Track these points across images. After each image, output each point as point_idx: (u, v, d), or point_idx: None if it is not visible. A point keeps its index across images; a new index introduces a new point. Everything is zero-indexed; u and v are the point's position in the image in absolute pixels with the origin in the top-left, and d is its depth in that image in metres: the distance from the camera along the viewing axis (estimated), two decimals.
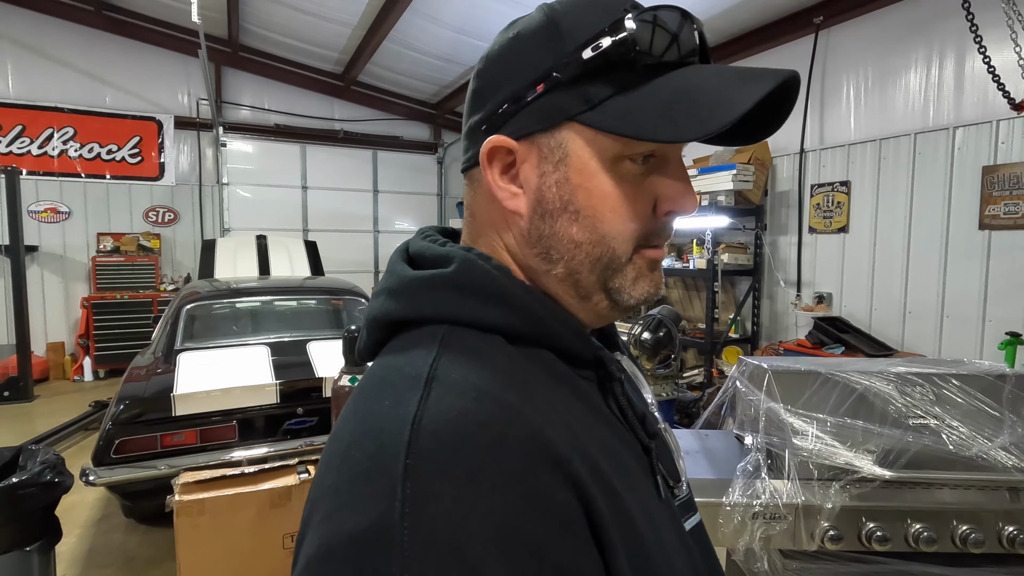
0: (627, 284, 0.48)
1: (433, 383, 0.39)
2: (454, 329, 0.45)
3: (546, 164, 0.46)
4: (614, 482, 0.41)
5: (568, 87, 0.44)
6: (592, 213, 0.46)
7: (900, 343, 3.76)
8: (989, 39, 2.42)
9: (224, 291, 3.68)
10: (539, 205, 0.47)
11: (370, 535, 0.33)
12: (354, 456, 0.37)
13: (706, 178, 4.42)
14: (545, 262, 0.48)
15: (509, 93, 0.46)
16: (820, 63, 4.19)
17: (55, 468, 1.90)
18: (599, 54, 0.43)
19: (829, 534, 1.08)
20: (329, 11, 5.69)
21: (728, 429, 1.46)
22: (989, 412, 1.18)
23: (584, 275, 0.47)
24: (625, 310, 0.50)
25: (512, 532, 0.33)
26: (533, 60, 0.45)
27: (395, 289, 0.48)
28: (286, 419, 2.74)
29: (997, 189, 3.23)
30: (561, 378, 0.46)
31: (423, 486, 0.33)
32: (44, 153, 6.42)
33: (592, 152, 0.45)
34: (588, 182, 0.45)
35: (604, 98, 0.44)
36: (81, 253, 6.61)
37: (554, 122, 0.45)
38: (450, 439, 0.35)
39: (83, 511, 3.21)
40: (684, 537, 0.49)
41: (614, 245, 0.46)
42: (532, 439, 0.37)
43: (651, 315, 3.68)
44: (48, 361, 6.31)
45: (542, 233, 0.47)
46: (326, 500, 0.37)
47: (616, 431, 0.48)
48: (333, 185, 7.85)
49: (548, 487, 0.36)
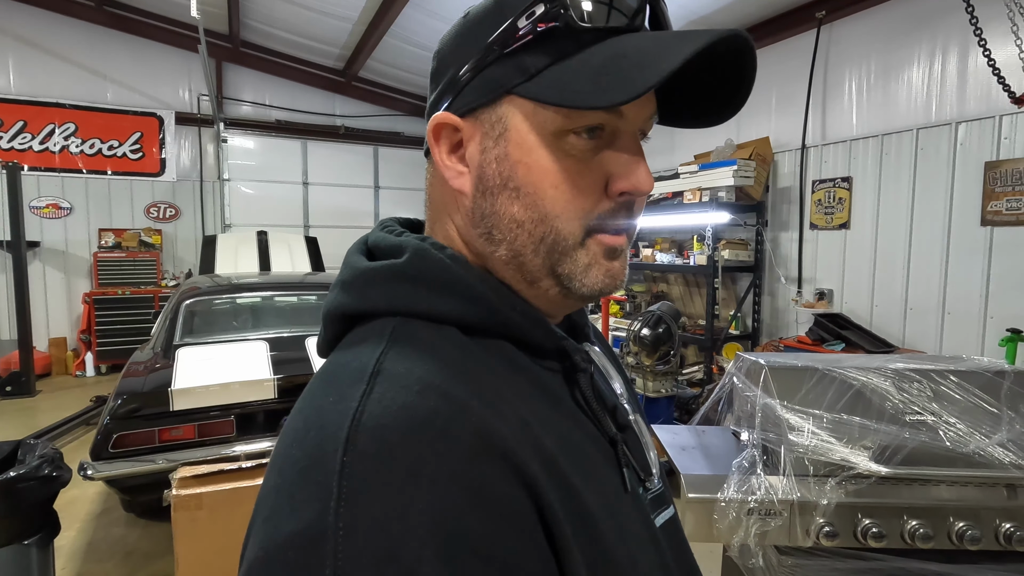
0: (578, 271, 0.45)
1: (377, 377, 0.38)
2: (406, 321, 0.43)
3: (487, 140, 0.45)
4: (571, 477, 0.40)
5: (507, 59, 0.43)
6: (533, 190, 0.44)
7: (901, 340, 3.74)
8: (991, 34, 2.41)
9: (224, 286, 3.68)
10: (480, 183, 0.46)
11: (305, 537, 0.32)
12: (294, 455, 0.36)
13: (707, 174, 4.40)
14: (489, 243, 0.46)
15: (456, 71, 0.46)
16: (822, 58, 4.16)
17: (53, 462, 1.91)
18: (532, 22, 0.41)
19: (825, 530, 1.07)
20: (330, 6, 5.68)
21: (726, 425, 1.45)
22: (987, 409, 1.17)
23: (528, 257, 0.45)
24: (581, 299, 0.47)
25: (453, 530, 0.32)
26: (478, 36, 0.44)
27: (347, 282, 0.47)
28: (284, 414, 2.72)
29: (999, 185, 3.21)
30: (520, 370, 0.45)
31: (359, 484, 0.32)
32: (46, 149, 6.42)
33: (531, 126, 0.43)
34: (528, 157, 0.43)
35: (541, 68, 0.42)
36: (83, 249, 6.63)
37: (494, 96, 0.44)
38: (390, 434, 0.34)
39: (83, 505, 3.23)
40: (653, 532, 0.48)
41: (557, 225, 0.44)
42: (478, 433, 0.36)
43: (651, 311, 3.67)
44: (50, 356, 6.33)
45: (484, 212, 0.46)
46: (267, 501, 0.36)
47: (580, 424, 0.46)
48: (334, 181, 7.85)
49: (494, 483, 0.34)
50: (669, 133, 5.46)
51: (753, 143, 4.49)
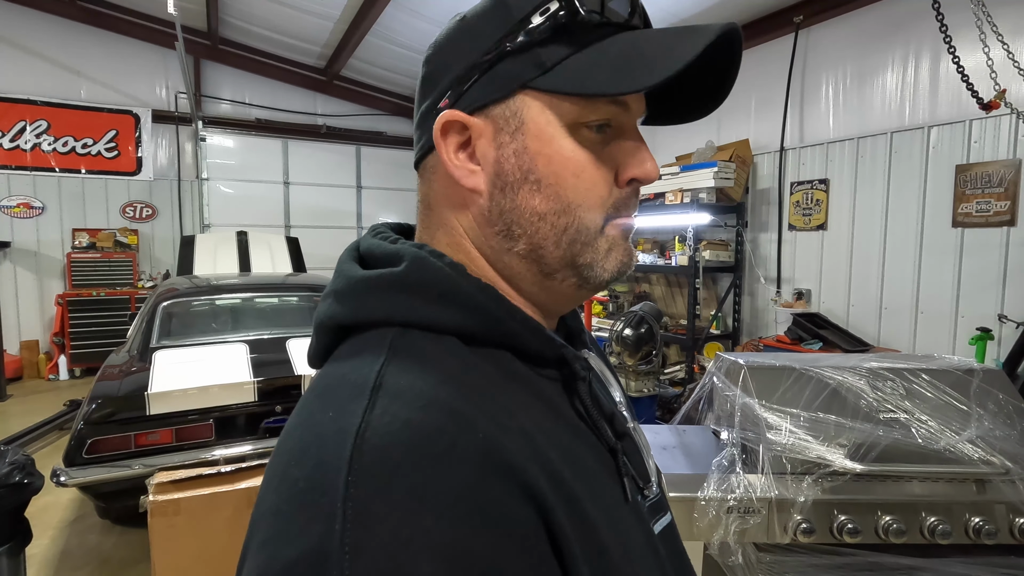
0: (600, 257, 0.47)
1: (379, 392, 0.36)
2: (405, 332, 0.42)
3: (503, 135, 0.45)
4: (576, 489, 0.39)
5: (519, 54, 0.44)
6: (555, 180, 0.44)
7: (876, 339, 3.82)
8: (961, 40, 2.47)
9: (202, 288, 3.62)
10: (498, 179, 0.46)
11: (308, 563, 0.31)
12: (293, 474, 0.35)
13: (688, 175, 4.45)
14: (507, 240, 0.46)
15: (461, 70, 0.46)
16: (800, 62, 4.23)
17: (24, 468, 1.86)
18: (548, 16, 0.43)
19: (802, 527, 1.09)
20: (311, 4, 5.62)
21: (706, 424, 1.47)
22: (957, 406, 1.20)
23: (549, 250, 0.46)
24: (595, 287, 0.48)
25: (462, 552, 0.31)
26: (484, 36, 0.45)
27: (341, 291, 0.46)
28: (265, 417, 2.70)
29: (970, 187, 3.30)
30: (520, 380, 0.44)
31: (365, 507, 0.31)
32: (16, 147, 6.25)
33: (549, 117, 0.44)
34: (548, 148, 0.44)
35: (557, 61, 0.43)
36: (56, 249, 6.46)
37: (508, 90, 0.44)
38: (395, 453, 0.33)
39: (56, 512, 3.15)
40: (652, 541, 0.47)
41: (580, 213, 0.45)
42: (484, 450, 0.35)
43: (633, 311, 3.70)
44: (22, 359, 6.16)
45: (503, 208, 0.46)
46: (264, 523, 0.34)
47: (580, 433, 0.46)
48: (316, 181, 7.76)
49: (502, 501, 0.34)
50: (651, 135, 5.50)
51: (733, 145, 4.55)
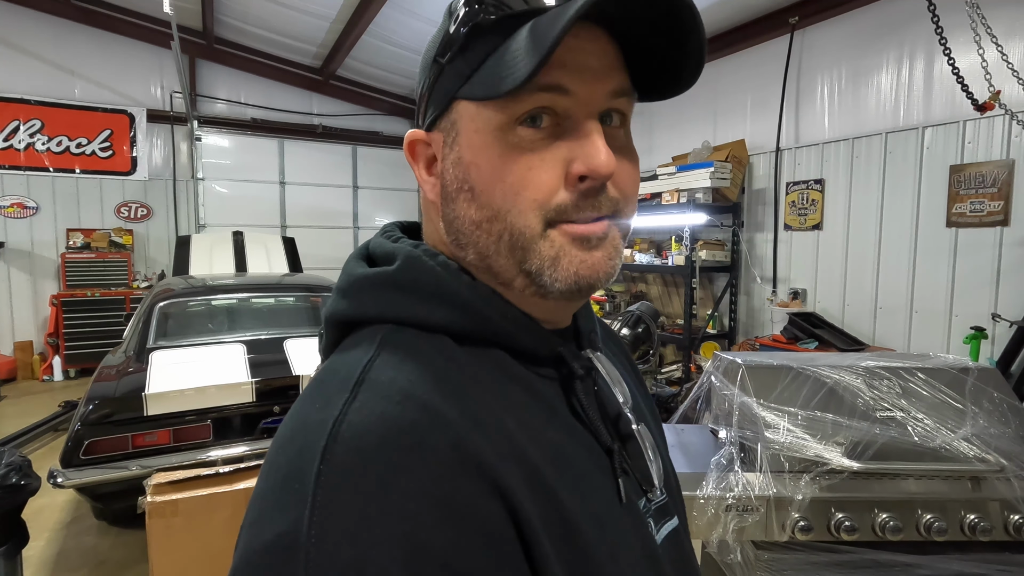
0: (545, 265, 0.42)
1: (361, 386, 0.38)
2: (397, 329, 0.43)
3: (445, 147, 0.46)
4: (557, 489, 0.39)
5: (449, 67, 0.44)
6: (484, 188, 0.43)
7: (872, 338, 3.85)
8: (955, 42, 2.48)
9: (199, 288, 3.61)
10: (444, 190, 0.46)
11: (281, 544, 0.32)
12: (279, 461, 0.37)
13: (684, 175, 4.47)
14: (459, 249, 0.46)
15: (421, 88, 0.48)
16: (796, 63, 4.25)
17: (21, 470, 1.85)
18: (459, 23, 0.42)
19: (800, 525, 1.10)
20: (307, 4, 5.60)
21: (704, 423, 1.48)
22: (953, 404, 1.21)
23: (494, 258, 0.44)
24: (560, 296, 0.44)
25: (422, 544, 0.32)
26: (432, 50, 0.46)
27: (344, 288, 0.48)
28: (262, 418, 2.69)
29: (964, 188, 3.32)
30: (513, 378, 0.44)
31: (332, 495, 0.32)
32: (10, 146, 6.21)
33: (477, 125, 0.43)
34: (478, 157, 0.43)
35: (475, 67, 0.42)
36: (50, 249, 6.42)
37: (444, 104, 0.45)
38: (366, 444, 0.34)
39: (53, 514, 3.13)
40: (649, 544, 0.47)
41: (511, 219, 0.42)
42: (455, 446, 0.35)
43: (630, 311, 3.71)
44: (16, 360, 6.12)
45: (449, 219, 0.46)
46: (253, 506, 0.36)
47: (575, 433, 0.46)
48: (312, 181, 7.73)
49: (467, 496, 0.34)
50: (648, 135, 5.52)
51: (729, 145, 4.56)
